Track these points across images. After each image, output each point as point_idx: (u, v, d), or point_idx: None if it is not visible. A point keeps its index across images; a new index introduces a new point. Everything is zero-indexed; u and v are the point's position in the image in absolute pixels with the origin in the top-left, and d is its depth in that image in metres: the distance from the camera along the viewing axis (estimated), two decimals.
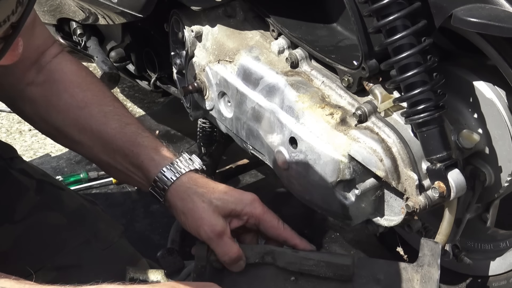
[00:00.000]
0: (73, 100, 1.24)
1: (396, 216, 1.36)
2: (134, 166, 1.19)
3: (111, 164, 1.22)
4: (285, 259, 1.16)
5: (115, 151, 1.20)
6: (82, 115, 1.23)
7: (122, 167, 1.21)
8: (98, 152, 1.23)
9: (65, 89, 1.24)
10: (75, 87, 1.25)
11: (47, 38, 1.29)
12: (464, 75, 1.35)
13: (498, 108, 1.32)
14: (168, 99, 2.56)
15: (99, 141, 1.22)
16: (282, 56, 1.49)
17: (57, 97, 1.25)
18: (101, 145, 1.22)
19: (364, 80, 1.35)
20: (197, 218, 1.15)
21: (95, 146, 1.22)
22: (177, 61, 1.67)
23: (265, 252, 1.17)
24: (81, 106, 1.23)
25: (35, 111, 1.26)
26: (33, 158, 2.34)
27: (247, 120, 1.51)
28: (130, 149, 1.19)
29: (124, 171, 1.21)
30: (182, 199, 1.16)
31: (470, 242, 1.53)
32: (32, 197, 1.25)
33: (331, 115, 1.37)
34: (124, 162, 1.20)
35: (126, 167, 1.20)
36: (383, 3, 1.23)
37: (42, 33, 1.28)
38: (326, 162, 1.35)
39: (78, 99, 1.23)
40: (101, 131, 1.21)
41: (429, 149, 1.28)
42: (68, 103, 1.23)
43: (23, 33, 1.24)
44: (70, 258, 1.19)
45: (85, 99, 1.23)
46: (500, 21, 1.12)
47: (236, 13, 1.57)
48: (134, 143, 1.20)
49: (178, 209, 1.17)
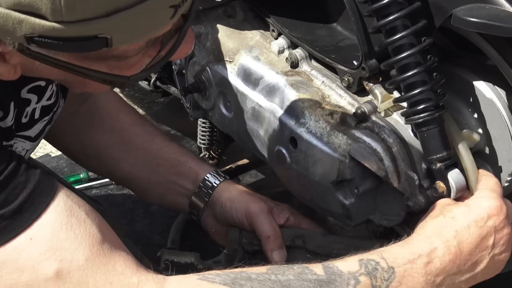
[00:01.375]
0: (117, 122, 1.31)
1: (396, 216, 1.36)
2: (180, 174, 1.28)
3: (151, 179, 1.29)
4: (315, 243, 1.21)
5: (159, 165, 1.29)
6: (127, 135, 1.30)
7: (163, 180, 1.29)
8: (140, 168, 1.29)
9: (109, 113, 1.32)
10: (119, 111, 1.34)
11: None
12: (464, 75, 1.35)
13: (498, 108, 1.32)
14: (168, 99, 2.56)
15: (142, 157, 1.29)
16: (282, 56, 1.49)
17: (100, 121, 1.32)
18: (144, 161, 1.29)
19: (364, 80, 1.35)
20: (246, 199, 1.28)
21: (137, 163, 1.29)
22: (177, 61, 1.67)
23: (295, 235, 1.23)
24: (126, 127, 1.31)
25: (75, 138, 1.33)
26: (33, 158, 2.34)
27: (247, 120, 1.51)
28: (177, 159, 1.29)
29: (164, 183, 1.28)
30: (229, 189, 1.28)
31: None
32: None
33: (331, 115, 1.37)
34: (167, 174, 1.28)
35: (169, 178, 1.28)
36: (383, 3, 1.23)
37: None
38: (326, 162, 1.35)
39: (123, 121, 1.32)
40: (146, 147, 1.30)
41: (429, 149, 1.28)
42: (112, 126, 1.31)
43: None
44: None
45: (130, 120, 1.32)
46: (500, 21, 1.12)
47: (236, 13, 1.57)
48: (181, 154, 1.31)
49: (224, 197, 1.26)
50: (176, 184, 1.27)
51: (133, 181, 1.31)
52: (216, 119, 1.61)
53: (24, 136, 1.12)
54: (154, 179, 1.28)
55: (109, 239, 0.98)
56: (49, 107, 1.13)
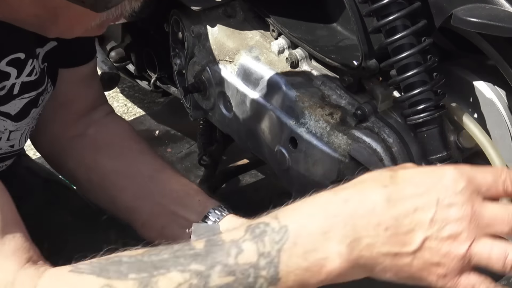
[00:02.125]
0: (126, 150, 1.25)
1: None
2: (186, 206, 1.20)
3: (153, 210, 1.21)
4: None
5: (165, 196, 1.21)
6: (134, 163, 1.24)
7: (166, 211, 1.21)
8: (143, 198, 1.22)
9: (120, 140, 1.26)
10: (130, 139, 1.27)
11: (101, 95, 1.32)
12: (464, 75, 1.35)
13: (498, 108, 1.32)
14: (168, 99, 2.56)
15: (148, 187, 1.22)
16: (282, 56, 1.49)
17: (109, 147, 1.26)
18: (149, 191, 1.21)
19: (364, 80, 1.35)
20: None
21: (141, 192, 1.22)
22: (177, 61, 1.67)
23: None
24: (135, 155, 1.25)
25: (79, 161, 1.26)
26: (34, 158, 2.34)
27: (247, 120, 1.51)
28: (186, 191, 1.21)
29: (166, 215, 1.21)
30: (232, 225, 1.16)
31: None
32: (39, 195, 1.26)
33: (331, 115, 1.37)
34: (172, 205, 1.20)
35: (173, 209, 1.20)
36: (383, 3, 1.23)
37: (98, 87, 1.31)
38: (326, 162, 1.35)
39: (132, 148, 1.25)
40: (153, 177, 1.22)
41: (429, 149, 1.28)
42: (121, 152, 1.25)
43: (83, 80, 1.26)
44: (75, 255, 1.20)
45: (139, 149, 1.26)
46: (500, 21, 1.12)
47: (236, 13, 1.57)
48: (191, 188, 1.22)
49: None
50: (179, 216, 1.19)
51: (135, 212, 1.23)
52: (216, 119, 1.61)
53: (3, 113, 1.09)
54: (156, 210, 1.21)
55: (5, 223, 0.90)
56: (31, 85, 1.10)
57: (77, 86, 1.25)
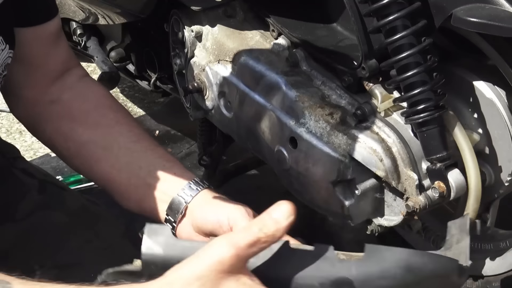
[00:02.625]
0: (103, 119, 1.23)
1: (396, 216, 1.36)
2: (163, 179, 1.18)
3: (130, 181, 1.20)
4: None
5: (141, 167, 1.19)
6: (111, 132, 1.22)
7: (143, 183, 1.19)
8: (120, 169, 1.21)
9: (95, 108, 1.24)
10: (106, 107, 1.25)
11: (71, 56, 1.30)
12: (464, 75, 1.35)
13: (498, 108, 1.32)
14: (168, 99, 2.56)
15: (124, 158, 1.21)
16: (282, 56, 1.49)
17: (85, 115, 1.24)
18: (125, 162, 1.20)
19: (364, 80, 1.35)
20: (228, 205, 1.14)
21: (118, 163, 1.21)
22: (177, 61, 1.67)
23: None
24: (111, 124, 1.23)
25: (56, 129, 1.25)
26: (33, 158, 2.34)
27: (247, 120, 1.51)
28: (162, 164, 1.19)
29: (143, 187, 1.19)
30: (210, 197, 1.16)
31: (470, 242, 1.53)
32: (35, 196, 1.25)
33: (331, 115, 1.37)
34: (148, 178, 1.19)
35: (150, 182, 1.19)
36: (383, 3, 1.23)
37: (66, 48, 1.29)
38: (326, 162, 1.35)
39: (109, 118, 1.23)
40: (130, 148, 1.21)
41: (429, 149, 1.29)
42: (97, 121, 1.23)
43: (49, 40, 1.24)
44: (71, 257, 1.19)
45: (116, 118, 1.24)
46: (500, 21, 1.12)
47: (236, 13, 1.57)
48: (167, 160, 1.20)
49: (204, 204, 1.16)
50: (156, 189, 1.18)
51: (112, 182, 1.23)
52: (216, 119, 1.61)
53: None
54: (134, 181, 1.19)
55: None
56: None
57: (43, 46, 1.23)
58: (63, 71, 1.27)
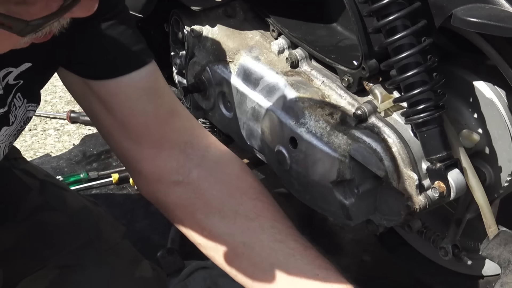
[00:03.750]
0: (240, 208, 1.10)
1: (396, 216, 1.36)
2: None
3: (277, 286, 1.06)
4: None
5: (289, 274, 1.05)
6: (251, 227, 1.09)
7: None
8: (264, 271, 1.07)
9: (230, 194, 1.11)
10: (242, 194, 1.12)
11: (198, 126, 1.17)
12: (464, 75, 1.35)
13: (498, 108, 1.32)
14: None
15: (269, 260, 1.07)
16: (282, 56, 1.49)
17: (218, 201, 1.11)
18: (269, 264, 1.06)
19: (364, 80, 1.35)
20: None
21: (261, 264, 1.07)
22: (177, 61, 1.67)
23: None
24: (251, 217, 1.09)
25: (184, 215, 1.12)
26: (33, 158, 2.34)
27: (247, 120, 1.51)
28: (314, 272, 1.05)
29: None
30: None
31: (470, 242, 1.53)
32: (35, 197, 1.25)
33: (331, 115, 1.37)
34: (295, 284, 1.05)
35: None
36: (383, 3, 1.23)
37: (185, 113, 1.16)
38: (326, 162, 1.35)
39: (247, 208, 1.10)
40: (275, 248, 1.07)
41: (429, 149, 1.29)
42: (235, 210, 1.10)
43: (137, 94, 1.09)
44: (72, 258, 1.19)
45: (255, 209, 1.10)
46: (500, 21, 1.12)
47: (236, 13, 1.57)
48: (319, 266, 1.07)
49: None
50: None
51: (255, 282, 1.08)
52: (216, 119, 1.61)
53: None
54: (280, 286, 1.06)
55: None
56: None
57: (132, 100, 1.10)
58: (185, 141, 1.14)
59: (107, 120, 1.11)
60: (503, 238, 1.32)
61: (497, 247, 1.32)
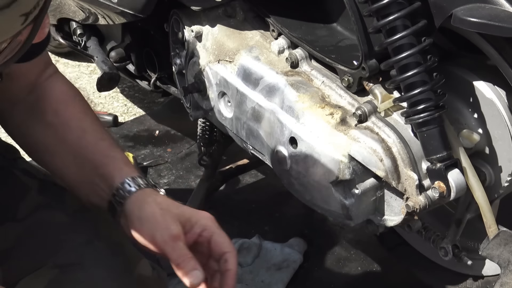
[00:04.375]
0: (55, 116, 1.27)
1: (396, 216, 1.36)
2: (101, 176, 1.20)
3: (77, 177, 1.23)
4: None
5: (85, 165, 1.23)
6: (62, 129, 1.26)
7: (87, 180, 1.22)
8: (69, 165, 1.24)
9: (50, 105, 1.28)
10: (59, 104, 1.29)
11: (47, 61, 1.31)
12: (464, 75, 1.35)
13: (498, 108, 1.32)
14: (168, 99, 2.55)
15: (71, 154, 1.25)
16: (282, 56, 1.49)
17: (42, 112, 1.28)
18: (73, 158, 1.24)
19: (364, 80, 1.35)
20: (154, 222, 1.14)
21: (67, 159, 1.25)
22: (177, 61, 1.67)
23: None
24: (63, 121, 1.27)
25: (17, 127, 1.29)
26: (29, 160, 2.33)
27: (247, 120, 1.51)
28: (101, 160, 1.22)
29: (88, 183, 1.22)
30: (140, 206, 1.16)
31: (470, 242, 1.53)
32: (35, 196, 1.26)
33: (331, 115, 1.37)
34: (91, 175, 1.21)
35: (92, 179, 1.21)
36: (383, 3, 1.23)
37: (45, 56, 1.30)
38: (326, 162, 1.35)
39: (60, 114, 1.27)
40: (76, 143, 1.25)
41: (429, 149, 1.29)
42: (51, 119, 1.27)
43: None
44: (71, 257, 1.19)
45: (66, 115, 1.27)
46: (500, 21, 1.12)
47: (236, 13, 1.57)
48: (106, 156, 1.23)
49: (134, 215, 1.16)
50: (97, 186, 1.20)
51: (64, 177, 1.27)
52: (216, 119, 1.61)
53: None
54: (80, 178, 1.23)
55: None
56: None
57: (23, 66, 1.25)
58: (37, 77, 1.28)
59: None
60: (503, 238, 1.32)
61: (497, 247, 1.32)
